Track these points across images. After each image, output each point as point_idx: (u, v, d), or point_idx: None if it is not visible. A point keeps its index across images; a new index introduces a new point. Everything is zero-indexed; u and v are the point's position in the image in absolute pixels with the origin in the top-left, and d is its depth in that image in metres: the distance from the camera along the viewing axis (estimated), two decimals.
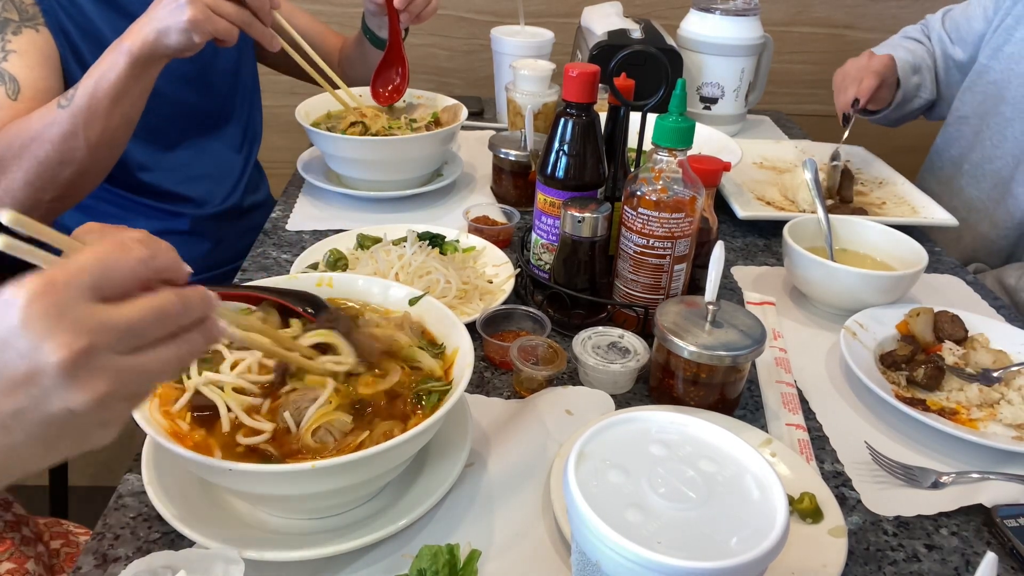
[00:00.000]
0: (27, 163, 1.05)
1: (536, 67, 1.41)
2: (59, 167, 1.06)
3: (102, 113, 1.04)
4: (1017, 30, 1.33)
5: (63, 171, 1.06)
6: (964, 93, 1.45)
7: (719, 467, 0.54)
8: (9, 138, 1.05)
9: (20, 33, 1.09)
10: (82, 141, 1.04)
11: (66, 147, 1.04)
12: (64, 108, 1.03)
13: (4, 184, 1.07)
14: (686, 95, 0.87)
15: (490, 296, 1.02)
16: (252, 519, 0.67)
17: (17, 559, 0.91)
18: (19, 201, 1.08)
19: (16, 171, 1.06)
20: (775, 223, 1.20)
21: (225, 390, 0.65)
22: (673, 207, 0.89)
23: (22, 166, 1.05)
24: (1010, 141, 1.36)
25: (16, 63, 1.08)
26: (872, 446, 0.81)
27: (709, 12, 1.62)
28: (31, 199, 1.08)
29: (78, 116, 1.03)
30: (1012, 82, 1.34)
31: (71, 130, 1.03)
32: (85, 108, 1.03)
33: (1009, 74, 1.34)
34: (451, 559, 0.61)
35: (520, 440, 0.79)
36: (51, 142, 1.03)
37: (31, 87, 1.09)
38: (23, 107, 1.07)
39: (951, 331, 0.96)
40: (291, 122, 1.30)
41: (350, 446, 0.63)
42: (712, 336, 0.81)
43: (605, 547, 0.47)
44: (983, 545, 0.71)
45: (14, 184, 1.06)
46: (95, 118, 1.04)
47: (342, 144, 1.25)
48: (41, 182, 1.07)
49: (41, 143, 1.04)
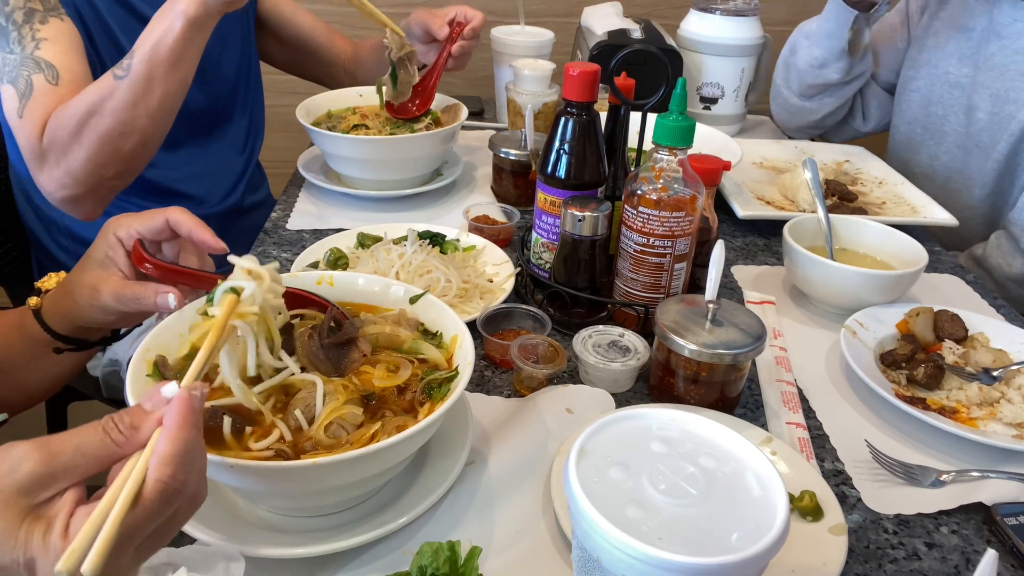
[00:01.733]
0: (88, 139, 1.04)
1: (536, 67, 1.41)
2: (121, 139, 1.05)
3: (161, 79, 1.04)
4: (927, 39, 1.49)
5: (126, 143, 1.06)
6: (895, 105, 1.58)
7: (720, 464, 0.54)
8: (63, 119, 1.04)
9: (47, 22, 1.09)
10: (143, 110, 1.04)
11: (128, 117, 1.04)
12: (122, 79, 1.02)
13: (64, 166, 1.06)
14: (686, 94, 0.87)
15: (490, 295, 1.02)
16: (253, 516, 0.67)
17: None
18: (82, 181, 1.08)
19: (77, 151, 1.05)
20: (775, 222, 1.20)
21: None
22: (673, 206, 0.89)
23: (83, 144, 1.05)
24: (949, 135, 1.47)
25: (50, 50, 1.08)
26: (872, 444, 0.81)
27: (709, 12, 1.62)
28: (94, 177, 1.08)
29: (138, 85, 1.03)
30: (935, 84, 1.48)
31: (132, 99, 1.03)
32: (144, 76, 1.03)
33: (931, 79, 1.49)
34: (452, 556, 0.61)
35: (521, 438, 0.79)
36: (112, 114, 1.03)
37: (68, 72, 1.09)
38: (65, 91, 1.07)
39: (951, 330, 0.96)
40: (291, 122, 1.30)
41: (363, 439, 0.63)
42: (712, 335, 0.81)
43: (606, 543, 0.48)
44: (983, 543, 0.71)
45: (75, 164, 1.06)
46: (155, 85, 1.04)
47: (342, 143, 1.25)
48: (103, 157, 1.06)
49: (101, 117, 1.03)
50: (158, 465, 0.47)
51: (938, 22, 1.47)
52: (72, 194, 1.09)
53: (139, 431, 0.49)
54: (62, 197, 1.09)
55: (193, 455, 0.49)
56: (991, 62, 1.39)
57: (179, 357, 0.70)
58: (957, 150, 1.46)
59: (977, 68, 1.41)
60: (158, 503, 0.46)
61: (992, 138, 1.40)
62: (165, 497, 0.47)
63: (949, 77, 1.45)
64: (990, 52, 1.39)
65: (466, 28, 1.34)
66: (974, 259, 1.38)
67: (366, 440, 0.63)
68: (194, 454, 0.49)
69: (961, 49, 1.44)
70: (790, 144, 1.59)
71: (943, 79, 1.46)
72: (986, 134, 1.41)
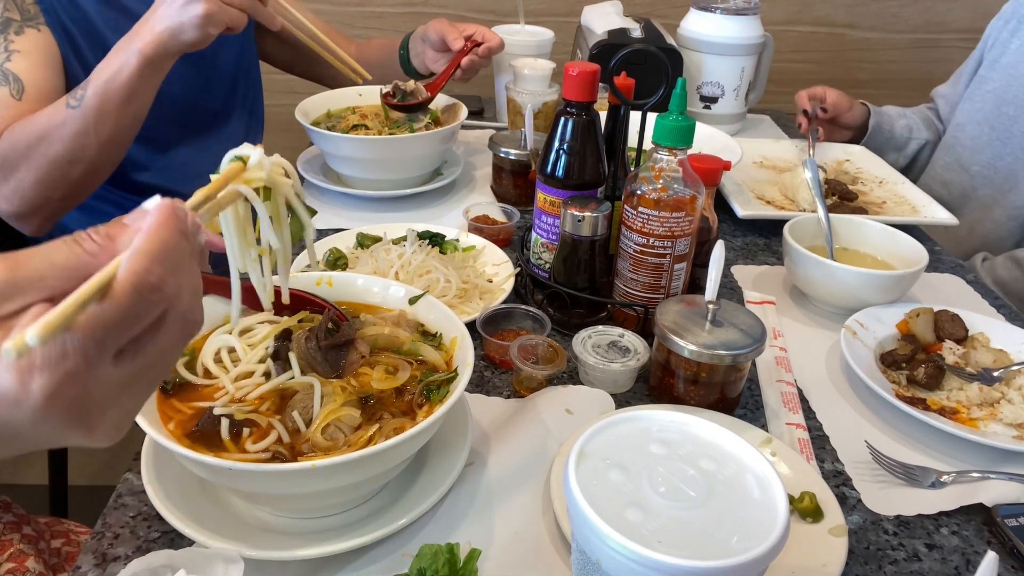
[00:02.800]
0: (36, 162, 1.05)
1: (536, 66, 1.41)
2: (69, 165, 1.06)
3: (113, 112, 1.04)
4: (1011, 43, 1.48)
5: (73, 169, 1.07)
6: (964, 103, 1.57)
7: (719, 466, 0.54)
8: (17, 138, 1.05)
9: (23, 33, 1.09)
10: (93, 139, 1.05)
11: (76, 145, 1.05)
12: (74, 108, 1.03)
13: (13, 184, 1.07)
14: (686, 94, 0.87)
15: (490, 295, 1.02)
16: (251, 518, 0.67)
17: (17, 558, 0.91)
18: (29, 200, 1.09)
19: (25, 171, 1.06)
20: (775, 222, 1.20)
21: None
22: (673, 206, 0.89)
23: (31, 166, 1.06)
24: (1016, 138, 1.46)
25: (20, 63, 1.08)
26: (872, 445, 0.81)
27: (709, 11, 1.62)
28: (41, 197, 1.09)
29: (89, 116, 1.03)
30: (1012, 85, 1.47)
31: (82, 129, 1.04)
32: (96, 108, 1.03)
33: (1008, 80, 1.47)
34: (451, 558, 0.61)
35: (520, 439, 0.79)
36: (61, 141, 1.04)
37: (35, 87, 1.09)
38: (27, 107, 1.08)
39: (951, 330, 0.96)
40: (291, 121, 1.30)
41: (360, 441, 0.63)
42: (712, 335, 0.81)
43: (605, 546, 0.47)
44: (983, 544, 0.71)
45: (24, 184, 1.07)
46: (106, 117, 1.04)
47: (342, 143, 1.25)
48: (51, 180, 1.07)
49: (51, 142, 1.04)
50: (130, 257, 0.40)
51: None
52: (18, 211, 1.11)
53: (115, 241, 0.42)
54: (9, 212, 1.11)
55: (175, 255, 0.42)
56: None
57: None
58: (1021, 152, 1.46)
59: None
60: (130, 297, 0.39)
61: None
62: (138, 292, 0.40)
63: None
64: None
65: (483, 47, 1.37)
66: (1015, 260, 1.36)
67: (363, 442, 0.63)
68: (177, 255, 0.42)
69: None
70: (790, 143, 1.59)
71: (1019, 80, 1.46)
72: None
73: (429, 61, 1.44)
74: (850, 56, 2.03)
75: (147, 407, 0.63)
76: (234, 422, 0.63)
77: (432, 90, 1.36)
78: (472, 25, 1.40)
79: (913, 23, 2.16)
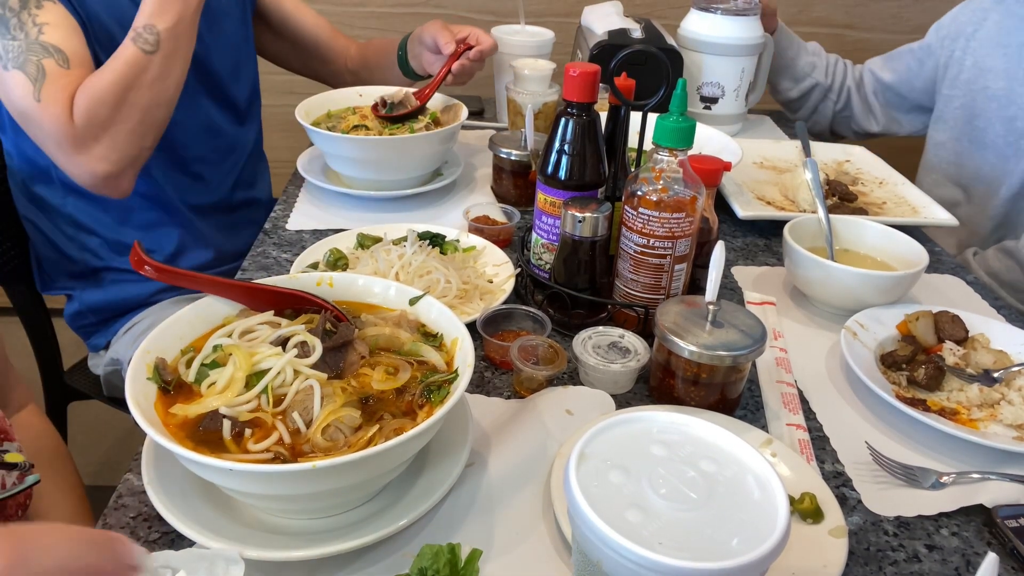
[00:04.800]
0: (127, 112, 1.09)
1: (536, 66, 1.41)
2: (156, 109, 1.12)
3: (184, 50, 1.12)
4: (965, 60, 1.58)
5: (159, 113, 1.13)
6: (936, 123, 1.66)
7: (720, 467, 0.54)
8: (99, 96, 1.07)
9: (42, 6, 1.10)
10: (171, 80, 1.12)
11: (160, 87, 1.11)
12: (151, 53, 1.08)
13: (107, 141, 1.10)
14: (687, 95, 0.87)
15: (490, 296, 1.02)
16: (252, 519, 0.67)
17: None
18: (126, 154, 1.12)
19: (119, 124, 1.10)
20: (775, 223, 1.20)
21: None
22: (674, 207, 0.89)
23: (124, 117, 1.09)
24: (989, 147, 1.55)
25: (54, 34, 1.10)
26: (872, 446, 0.81)
27: (709, 12, 1.62)
28: (136, 148, 1.13)
29: (169, 58, 1.10)
30: (976, 99, 1.56)
31: (163, 71, 1.10)
32: (172, 49, 1.10)
33: (972, 94, 1.57)
34: (452, 558, 0.61)
35: (520, 440, 0.79)
36: (147, 86, 1.09)
37: (75, 55, 1.11)
38: (76, 73, 1.10)
39: (951, 331, 0.96)
40: (291, 121, 1.30)
41: (360, 441, 0.63)
42: (713, 336, 0.81)
43: (606, 548, 0.47)
44: (984, 545, 0.71)
45: (119, 137, 1.10)
46: (180, 56, 1.12)
47: (342, 143, 1.25)
48: (143, 128, 1.12)
49: (139, 90, 1.09)
50: None
51: (975, 42, 1.56)
52: (114, 169, 1.12)
53: None
54: (104, 173, 1.12)
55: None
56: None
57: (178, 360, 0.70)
58: (996, 158, 1.54)
59: (1014, 80, 1.49)
60: None
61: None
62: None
63: (988, 91, 1.53)
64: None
65: (474, 50, 1.37)
66: (1005, 250, 1.41)
67: (363, 443, 0.63)
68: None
69: (998, 64, 1.52)
70: (790, 144, 1.59)
71: (982, 94, 1.54)
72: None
73: (427, 63, 1.44)
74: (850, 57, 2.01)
75: (147, 406, 0.63)
76: (236, 423, 0.63)
77: (422, 99, 1.36)
78: (466, 27, 1.40)
79: (913, 24, 2.16)
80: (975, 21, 1.57)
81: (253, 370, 0.66)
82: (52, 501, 0.95)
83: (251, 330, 0.72)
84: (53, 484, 0.96)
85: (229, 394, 0.65)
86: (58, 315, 1.42)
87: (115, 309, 1.33)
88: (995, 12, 1.55)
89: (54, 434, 1.05)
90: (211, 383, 0.66)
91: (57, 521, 0.93)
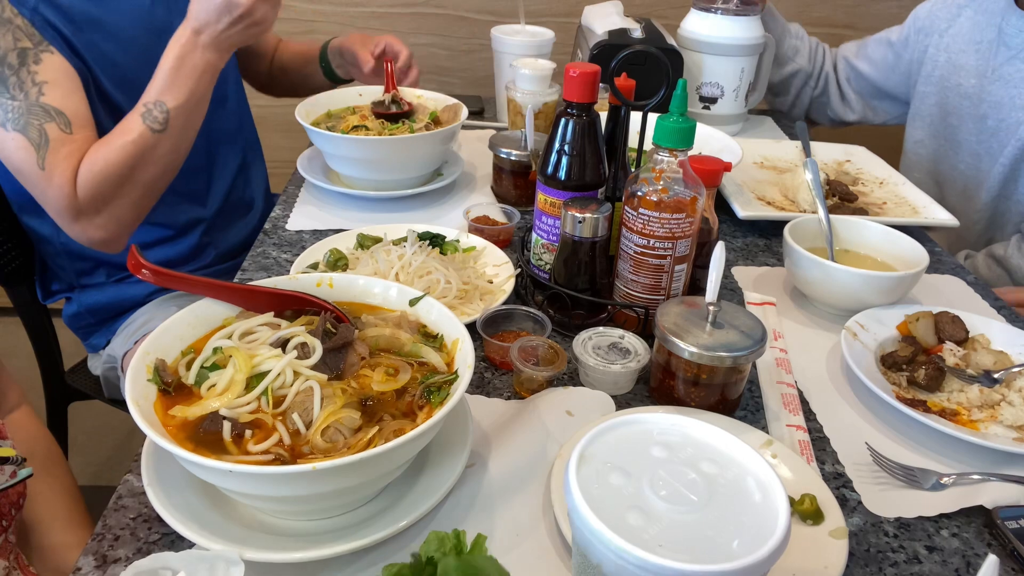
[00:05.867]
0: (133, 188, 1.11)
1: (536, 66, 1.41)
2: (162, 180, 1.14)
3: (195, 124, 1.13)
4: (939, 57, 1.58)
5: (163, 183, 1.15)
6: (913, 120, 1.68)
7: (720, 469, 0.54)
8: (102, 173, 1.07)
9: (40, 61, 1.08)
10: (181, 152, 1.14)
11: (168, 162, 1.12)
12: (160, 132, 1.08)
13: (107, 214, 1.11)
14: (687, 95, 0.87)
15: (490, 296, 1.02)
16: (252, 520, 0.67)
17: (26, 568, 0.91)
18: (125, 224, 1.14)
19: (122, 199, 1.11)
20: (776, 223, 1.20)
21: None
22: (674, 207, 0.89)
23: (128, 192, 1.10)
24: (963, 145, 1.56)
25: (53, 94, 1.08)
26: (873, 447, 0.81)
27: (709, 12, 1.62)
28: (134, 217, 1.15)
29: (177, 135, 1.10)
30: (948, 97, 1.57)
31: (172, 147, 1.11)
32: (182, 126, 1.10)
33: (944, 92, 1.58)
34: (458, 544, 0.61)
35: (520, 441, 0.79)
36: (155, 163, 1.10)
37: (77, 117, 1.09)
38: (79, 137, 1.08)
39: (952, 332, 0.96)
40: (291, 122, 1.30)
41: (360, 443, 0.63)
42: (713, 337, 0.81)
43: (607, 550, 0.47)
44: (984, 547, 0.71)
45: (120, 211, 1.12)
46: (189, 130, 1.13)
47: (342, 143, 1.25)
48: (146, 200, 1.15)
49: (145, 166, 1.10)
50: None
51: (947, 39, 1.56)
52: (111, 237, 1.14)
53: None
54: (101, 239, 1.14)
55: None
56: (999, 72, 1.47)
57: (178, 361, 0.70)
58: (970, 157, 1.54)
59: (984, 78, 1.49)
60: None
61: (1000, 144, 1.48)
62: None
63: (960, 89, 1.54)
64: (998, 63, 1.47)
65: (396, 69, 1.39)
66: (995, 258, 1.43)
67: (363, 444, 0.63)
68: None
69: (970, 62, 1.52)
70: (791, 144, 1.59)
71: (955, 91, 1.55)
72: (995, 140, 1.49)
73: (354, 73, 1.46)
74: None
75: (147, 408, 0.63)
76: (236, 424, 0.63)
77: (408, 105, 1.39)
78: (382, 39, 1.41)
79: None
80: (948, 17, 1.57)
81: (253, 372, 0.66)
82: (46, 502, 0.95)
83: (251, 331, 0.72)
84: (47, 486, 0.97)
85: (229, 396, 0.65)
86: (58, 315, 1.42)
87: (113, 310, 1.33)
88: (969, 8, 1.55)
89: (48, 437, 1.05)
90: (211, 385, 0.66)
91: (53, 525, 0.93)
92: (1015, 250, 1.41)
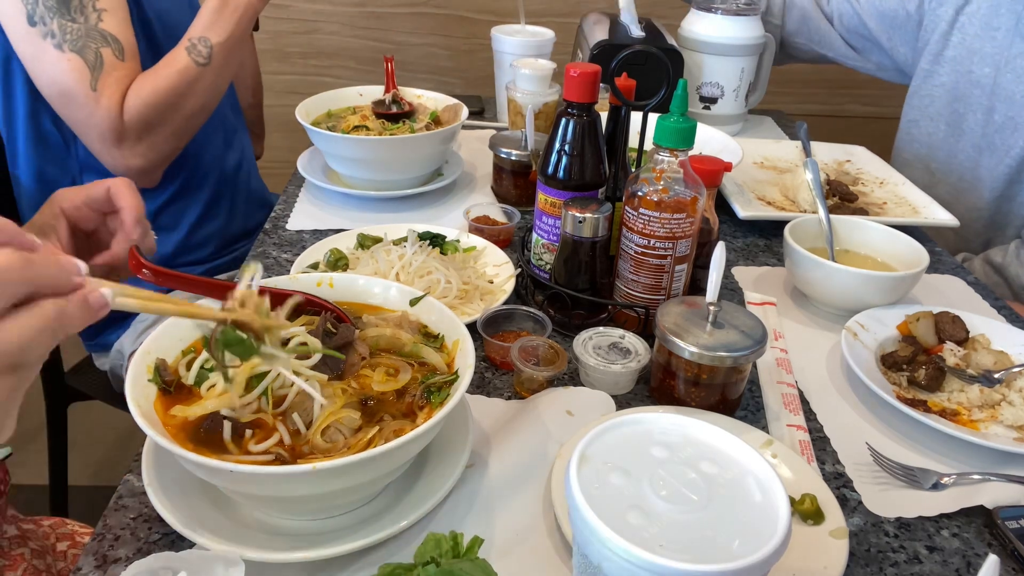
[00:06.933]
0: (174, 117, 1.16)
1: (537, 66, 1.41)
2: (201, 115, 1.20)
3: (234, 63, 1.20)
4: (952, 35, 1.48)
5: (201, 117, 1.20)
6: (912, 98, 1.58)
7: (721, 469, 0.54)
8: (150, 99, 1.12)
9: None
10: (220, 90, 1.20)
11: (208, 97, 1.18)
12: (204, 65, 1.14)
13: (148, 141, 1.15)
14: (687, 95, 0.87)
15: (491, 296, 1.02)
16: (252, 520, 0.67)
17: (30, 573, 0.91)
18: (162, 153, 1.19)
19: (164, 127, 1.16)
20: (776, 223, 1.20)
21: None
22: (674, 207, 0.89)
23: (170, 121, 1.15)
24: (967, 135, 1.48)
25: (111, 22, 1.12)
26: (873, 447, 0.81)
27: (710, 11, 1.62)
28: (172, 148, 1.20)
29: (220, 70, 1.16)
30: (960, 82, 1.47)
31: (214, 82, 1.17)
32: (224, 64, 1.16)
33: (956, 76, 1.48)
34: (455, 546, 0.61)
35: (521, 441, 0.79)
36: (196, 95, 1.16)
37: (130, 46, 1.14)
38: (130, 65, 1.13)
39: (952, 332, 0.96)
40: (291, 121, 1.30)
41: (360, 443, 0.63)
42: (713, 337, 0.81)
43: (607, 550, 0.47)
44: (984, 547, 0.71)
45: (159, 139, 1.17)
46: (231, 68, 1.19)
47: (342, 143, 1.25)
48: (184, 132, 1.19)
49: (188, 97, 1.15)
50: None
51: (964, 17, 1.47)
52: (148, 166, 1.18)
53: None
54: (139, 168, 1.17)
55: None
56: (1013, 64, 1.40)
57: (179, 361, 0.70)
58: (972, 150, 1.48)
59: (998, 69, 1.42)
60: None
61: (1006, 141, 1.42)
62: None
63: (972, 76, 1.45)
64: (1012, 54, 1.40)
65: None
66: (992, 265, 1.39)
67: (363, 445, 0.63)
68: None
69: (985, 48, 1.44)
70: (791, 144, 1.58)
71: (967, 77, 1.46)
72: (999, 137, 1.43)
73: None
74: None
75: (147, 408, 0.63)
76: (237, 424, 0.63)
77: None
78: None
79: None
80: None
81: (253, 372, 0.66)
82: None
83: None
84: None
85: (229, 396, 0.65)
86: None
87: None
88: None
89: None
90: (211, 385, 0.66)
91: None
92: (1014, 257, 1.38)
